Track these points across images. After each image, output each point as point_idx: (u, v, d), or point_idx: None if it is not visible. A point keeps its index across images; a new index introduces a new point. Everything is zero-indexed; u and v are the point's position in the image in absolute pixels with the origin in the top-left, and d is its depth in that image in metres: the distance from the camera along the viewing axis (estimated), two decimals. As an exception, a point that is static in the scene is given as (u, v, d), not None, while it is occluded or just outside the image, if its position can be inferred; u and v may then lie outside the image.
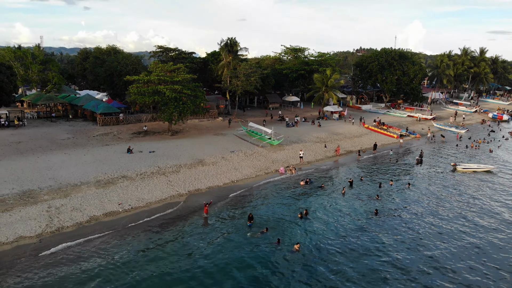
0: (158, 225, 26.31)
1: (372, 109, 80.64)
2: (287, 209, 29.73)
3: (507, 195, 34.32)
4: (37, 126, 49.95)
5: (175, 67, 48.41)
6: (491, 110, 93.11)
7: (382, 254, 23.16)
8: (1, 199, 27.82)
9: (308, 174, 39.09)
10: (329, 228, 26.57)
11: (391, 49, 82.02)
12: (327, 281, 20.25)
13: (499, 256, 23.27)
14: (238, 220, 27.54)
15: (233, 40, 62.73)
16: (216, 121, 60.92)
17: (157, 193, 31.42)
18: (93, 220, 26.40)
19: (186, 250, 23.02)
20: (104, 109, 51.70)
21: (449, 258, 22.87)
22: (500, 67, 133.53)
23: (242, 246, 23.59)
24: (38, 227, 24.75)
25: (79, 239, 23.78)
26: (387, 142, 54.77)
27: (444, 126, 68.69)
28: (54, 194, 29.27)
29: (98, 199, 29.13)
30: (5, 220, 25.12)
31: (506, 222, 28.35)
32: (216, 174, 36.82)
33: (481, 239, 25.38)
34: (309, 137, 52.82)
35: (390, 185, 36.23)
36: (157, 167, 36.44)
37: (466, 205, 31.57)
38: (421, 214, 29.42)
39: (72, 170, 33.74)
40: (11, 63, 65.14)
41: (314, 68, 73.96)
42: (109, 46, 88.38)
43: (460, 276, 21.10)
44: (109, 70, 60.05)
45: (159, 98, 45.19)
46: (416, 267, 21.74)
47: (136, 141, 44.80)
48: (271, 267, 21.39)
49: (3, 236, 23.61)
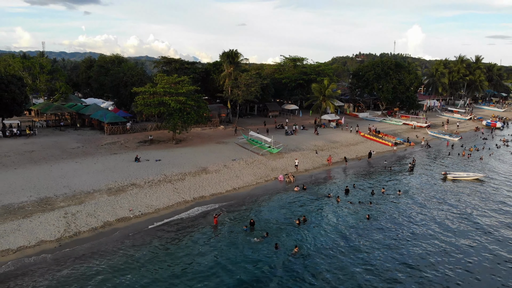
0: (167, 230, 28.55)
1: (369, 117, 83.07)
2: (286, 215, 31.95)
3: (492, 202, 36.58)
4: (47, 135, 52.29)
5: (180, 79, 50.84)
6: (486, 117, 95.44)
7: (372, 256, 25.40)
8: (20, 206, 30.09)
9: (305, 182, 41.33)
10: (324, 232, 28.80)
11: (387, 59, 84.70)
12: (323, 280, 22.48)
13: (469, 259, 25.53)
14: (240, 225, 29.74)
15: (234, 52, 65.26)
16: (218, 129, 63.27)
17: (165, 200, 33.69)
18: (107, 225, 28.66)
19: (195, 252, 25.30)
20: (111, 119, 54.09)
21: (419, 259, 25.15)
22: (496, 75, 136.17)
23: (244, 248, 25.84)
24: (57, 232, 27.01)
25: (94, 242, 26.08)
26: (382, 150, 57.08)
27: (438, 134, 71.04)
28: (70, 201, 31.54)
29: (110, 205, 31.40)
30: (26, 226, 27.36)
31: (483, 229, 30.62)
32: (219, 182, 39.08)
33: (450, 241, 27.65)
34: (307, 145, 55.12)
35: (382, 192, 38.49)
36: (164, 175, 38.72)
37: (450, 212, 33.84)
38: (410, 221, 31.67)
39: (85, 178, 36.03)
40: (19, 73, 67.68)
41: (312, 77, 76.50)
42: (113, 55, 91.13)
43: (427, 273, 23.37)
44: (115, 80, 62.50)
45: (165, 109, 47.56)
46: (403, 268, 24.01)
47: (142, 150, 47.10)
48: (271, 268, 23.64)
49: (26, 240, 25.86)
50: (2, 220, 27.81)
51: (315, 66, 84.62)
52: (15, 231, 26.63)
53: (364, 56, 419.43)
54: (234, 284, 22.09)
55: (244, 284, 22.08)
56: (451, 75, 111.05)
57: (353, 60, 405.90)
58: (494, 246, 27.39)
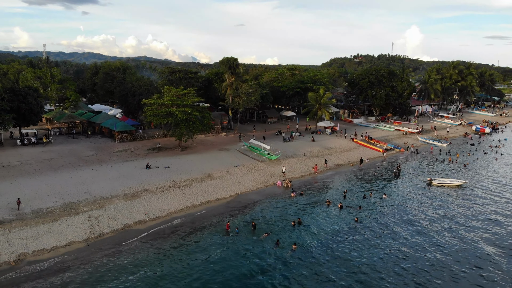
0: (178, 231, 32.54)
1: (363, 123, 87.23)
2: (283, 218, 35.97)
3: (472, 207, 40.71)
4: (62, 143, 56.20)
5: (186, 91, 54.88)
6: (476, 122, 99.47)
7: (359, 252, 29.47)
8: (49, 211, 34.03)
9: (301, 187, 45.31)
10: (318, 232, 32.85)
11: (381, 67, 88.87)
12: (319, 272, 26.54)
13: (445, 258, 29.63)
14: (243, 227, 33.74)
15: (236, 62, 69.28)
16: (220, 136, 67.28)
17: (175, 204, 37.69)
18: (126, 227, 32.65)
19: (205, 249, 29.31)
20: (121, 127, 58.07)
21: (399, 253, 29.24)
22: (488, 80, 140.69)
23: (248, 246, 29.88)
24: (84, 233, 30.97)
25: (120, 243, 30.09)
26: (373, 156, 61.16)
27: (428, 139, 75.10)
28: (91, 205, 35.51)
29: (128, 209, 35.39)
30: (56, 228, 31.30)
31: (459, 233, 34.75)
32: (223, 187, 43.08)
33: (424, 240, 31.75)
34: (303, 151, 59.15)
35: (370, 196, 42.58)
36: (173, 181, 42.72)
37: (428, 214, 37.95)
38: (394, 221, 35.76)
39: (102, 185, 39.99)
40: (31, 82, 71.64)
41: (309, 86, 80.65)
42: (119, 61, 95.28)
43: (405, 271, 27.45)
44: (124, 90, 66.50)
45: (172, 120, 51.56)
46: (389, 265, 28.12)
47: (151, 157, 51.04)
48: (272, 262, 27.68)
49: (57, 241, 29.80)
50: (34, 223, 31.75)
51: (312, 74, 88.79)
52: (47, 233, 30.56)
53: (362, 58, 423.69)
54: (246, 274, 26.22)
55: (254, 273, 26.23)
56: (444, 80, 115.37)
57: (351, 61, 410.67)
58: (467, 245, 31.54)
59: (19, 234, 30.01)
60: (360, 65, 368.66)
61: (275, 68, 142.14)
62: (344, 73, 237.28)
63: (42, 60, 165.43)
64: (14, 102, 52.79)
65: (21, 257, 27.50)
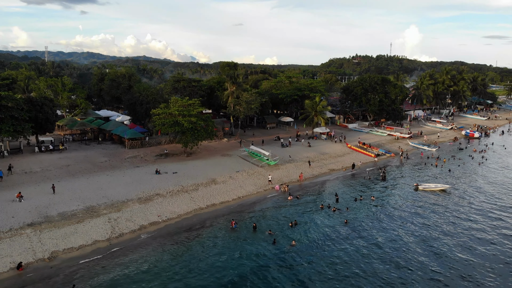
0: (193, 229, 36.97)
1: (357, 128, 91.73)
2: (282, 219, 40.38)
3: (451, 209, 45.22)
4: (76, 150, 60.55)
5: (191, 102, 59.32)
6: (467, 126, 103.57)
7: (349, 248, 33.92)
8: (73, 214, 38.39)
9: (297, 191, 49.70)
10: (313, 231, 37.28)
11: (374, 75, 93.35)
12: (315, 265, 30.97)
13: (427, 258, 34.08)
14: (245, 227, 38.14)
15: (237, 72, 73.83)
16: (222, 141, 71.67)
17: (184, 207, 42.08)
18: (142, 228, 37.03)
19: (213, 245, 33.72)
20: (131, 135, 62.44)
21: (384, 249, 33.69)
22: (480, 84, 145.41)
23: (251, 242, 34.32)
24: (106, 234, 35.33)
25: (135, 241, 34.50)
26: (365, 161, 65.56)
27: (418, 144, 79.42)
28: (110, 209, 39.88)
29: (142, 212, 39.76)
30: (81, 229, 35.65)
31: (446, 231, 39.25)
32: (226, 191, 47.46)
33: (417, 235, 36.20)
34: (300, 156, 63.58)
35: (360, 199, 47.03)
36: (181, 186, 47.11)
37: (414, 217, 42.43)
38: (381, 221, 40.22)
39: (118, 190, 44.36)
40: (44, 91, 75.94)
41: (306, 93, 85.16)
42: (124, 67, 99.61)
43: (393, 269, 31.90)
44: (132, 99, 70.89)
45: (179, 128, 55.96)
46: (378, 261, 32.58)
47: (160, 163, 55.41)
48: (273, 257, 32.09)
49: (84, 240, 34.15)
50: (61, 225, 36.11)
51: (308, 83, 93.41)
52: (73, 233, 34.92)
53: (361, 58, 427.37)
54: (252, 266, 30.63)
55: (259, 265, 30.58)
56: (436, 86, 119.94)
57: (350, 62, 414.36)
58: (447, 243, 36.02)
59: (49, 234, 34.35)
60: (359, 66, 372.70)
61: (274, 68, 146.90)
62: (343, 74, 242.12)
63: (48, 64, 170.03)
64: (32, 112, 57.08)
65: (54, 255, 31.84)
